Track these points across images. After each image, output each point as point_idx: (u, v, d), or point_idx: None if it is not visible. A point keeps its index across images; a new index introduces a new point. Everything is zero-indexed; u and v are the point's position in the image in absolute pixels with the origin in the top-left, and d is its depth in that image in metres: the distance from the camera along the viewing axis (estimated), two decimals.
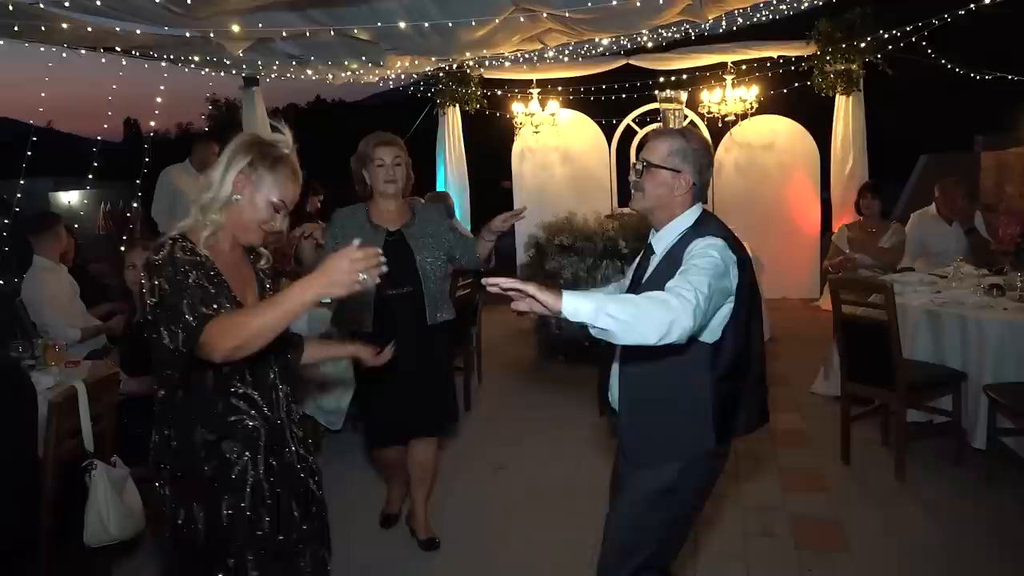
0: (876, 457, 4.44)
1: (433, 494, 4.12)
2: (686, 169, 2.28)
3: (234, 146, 2.06)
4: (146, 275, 1.96)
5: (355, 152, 3.51)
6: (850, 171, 8.34)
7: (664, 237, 2.31)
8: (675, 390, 2.26)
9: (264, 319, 1.84)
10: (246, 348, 1.85)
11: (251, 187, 2.04)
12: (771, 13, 6.84)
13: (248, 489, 2.05)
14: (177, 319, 1.89)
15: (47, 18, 4.04)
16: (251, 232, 2.09)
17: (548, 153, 9.54)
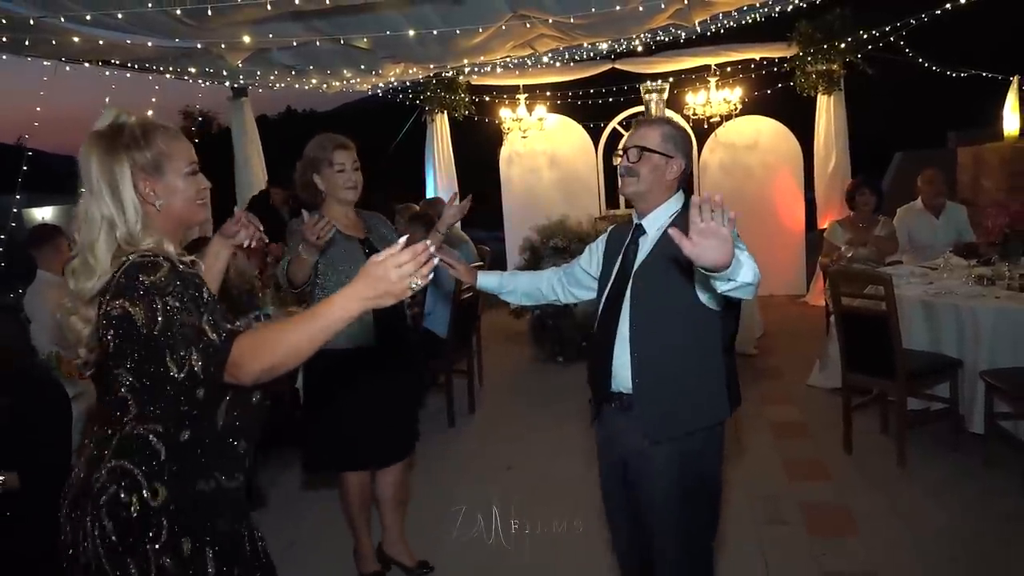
0: (877, 445, 4.57)
1: (441, 494, 4.18)
2: (677, 155, 2.40)
3: (97, 156, 1.72)
4: (137, 300, 1.63)
5: (303, 156, 3.23)
6: (833, 169, 8.51)
7: (656, 219, 2.39)
8: (691, 362, 2.31)
9: (301, 335, 1.59)
10: (280, 368, 1.62)
11: (159, 182, 1.76)
12: (756, 15, 6.98)
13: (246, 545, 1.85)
14: (194, 340, 1.62)
15: (60, 32, 4.08)
16: (195, 213, 1.84)
17: (536, 157, 9.64)
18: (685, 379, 2.31)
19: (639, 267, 2.36)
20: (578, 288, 2.72)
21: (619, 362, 2.34)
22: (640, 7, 4.95)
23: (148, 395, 1.69)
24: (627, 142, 2.44)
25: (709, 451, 2.38)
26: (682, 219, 2.29)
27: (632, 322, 2.32)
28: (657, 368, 2.30)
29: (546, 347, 6.98)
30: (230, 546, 1.79)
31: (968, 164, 8.28)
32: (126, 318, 1.63)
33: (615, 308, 2.37)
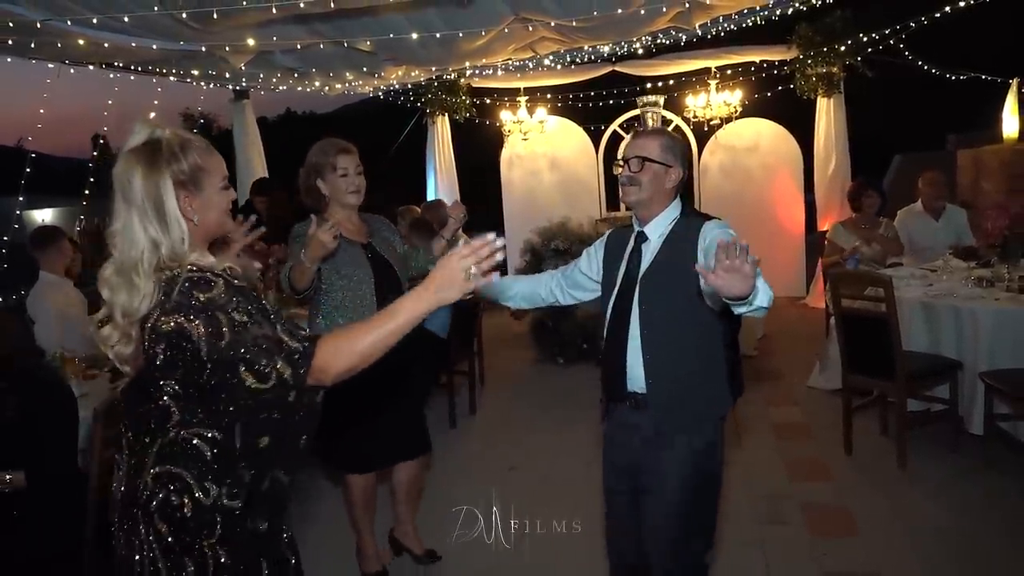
0: (877, 446, 4.60)
1: (444, 495, 4.21)
2: (676, 164, 2.51)
3: (142, 185, 1.69)
4: (195, 315, 1.64)
5: (307, 161, 3.23)
6: (833, 171, 8.53)
7: (657, 226, 2.51)
8: (698, 360, 2.46)
9: (377, 335, 1.68)
10: (358, 368, 1.70)
11: (194, 195, 1.75)
12: (756, 18, 7.01)
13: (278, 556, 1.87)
14: (276, 350, 1.65)
15: (65, 35, 4.11)
16: (223, 225, 1.86)
17: (536, 160, 9.67)
18: (694, 376, 2.45)
19: (644, 273, 2.47)
20: (578, 290, 2.79)
21: (632, 363, 2.46)
22: (641, 10, 4.98)
23: (194, 403, 1.70)
24: (627, 152, 2.54)
25: (715, 446, 2.51)
26: (681, 225, 2.48)
27: (643, 326, 2.44)
28: (668, 367, 2.43)
29: (546, 349, 7.00)
30: (272, 540, 1.85)
31: (968, 167, 8.31)
32: (181, 334, 1.63)
33: (624, 313, 2.48)
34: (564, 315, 6.88)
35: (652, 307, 2.43)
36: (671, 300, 2.41)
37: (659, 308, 2.42)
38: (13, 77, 70.29)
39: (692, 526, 2.47)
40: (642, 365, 2.43)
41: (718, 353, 2.50)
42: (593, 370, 6.50)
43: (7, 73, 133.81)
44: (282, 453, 1.80)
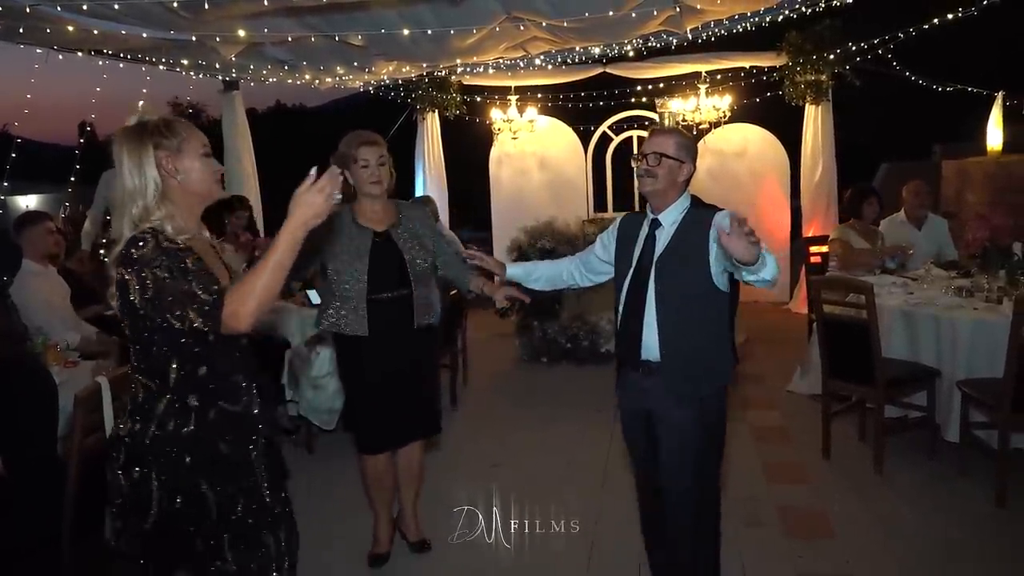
0: (855, 451, 4.65)
1: (429, 491, 4.21)
2: (688, 160, 2.80)
3: (127, 146, 2.05)
4: (130, 269, 1.95)
5: (334, 153, 3.40)
6: (819, 178, 8.60)
7: (670, 215, 2.78)
8: (706, 334, 2.75)
9: (267, 272, 1.91)
10: (264, 305, 1.94)
11: (175, 158, 2.07)
12: (747, 24, 7.06)
13: (256, 473, 2.13)
14: (188, 302, 1.93)
15: (54, 21, 4.08)
16: (213, 188, 2.15)
17: (525, 159, 9.67)
18: (702, 348, 2.75)
19: (659, 256, 2.75)
20: (595, 274, 3.14)
21: (647, 336, 2.75)
22: (633, 13, 5.01)
23: (145, 351, 2.04)
24: (645, 148, 2.81)
25: (719, 406, 2.83)
26: (692, 214, 2.77)
27: (657, 303, 2.72)
28: (679, 340, 2.72)
29: (531, 348, 7.03)
30: (240, 467, 2.13)
31: (952, 177, 8.40)
32: (123, 284, 1.97)
33: (641, 291, 2.77)
34: (549, 315, 6.91)
35: (666, 287, 2.71)
36: (683, 281, 2.70)
37: (672, 287, 2.70)
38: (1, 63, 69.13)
39: (701, 472, 2.79)
40: (656, 337, 2.72)
41: (723, 329, 2.80)
42: (577, 370, 6.66)
43: None
44: (220, 385, 2.09)
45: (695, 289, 2.69)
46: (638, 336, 2.77)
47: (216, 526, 2.08)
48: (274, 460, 2.24)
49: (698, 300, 2.70)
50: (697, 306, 2.70)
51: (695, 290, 2.69)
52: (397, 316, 3.34)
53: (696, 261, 2.67)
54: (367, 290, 3.29)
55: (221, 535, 2.09)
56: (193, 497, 2.06)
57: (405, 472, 3.64)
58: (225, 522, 2.09)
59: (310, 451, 4.95)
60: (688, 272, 2.69)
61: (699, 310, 2.71)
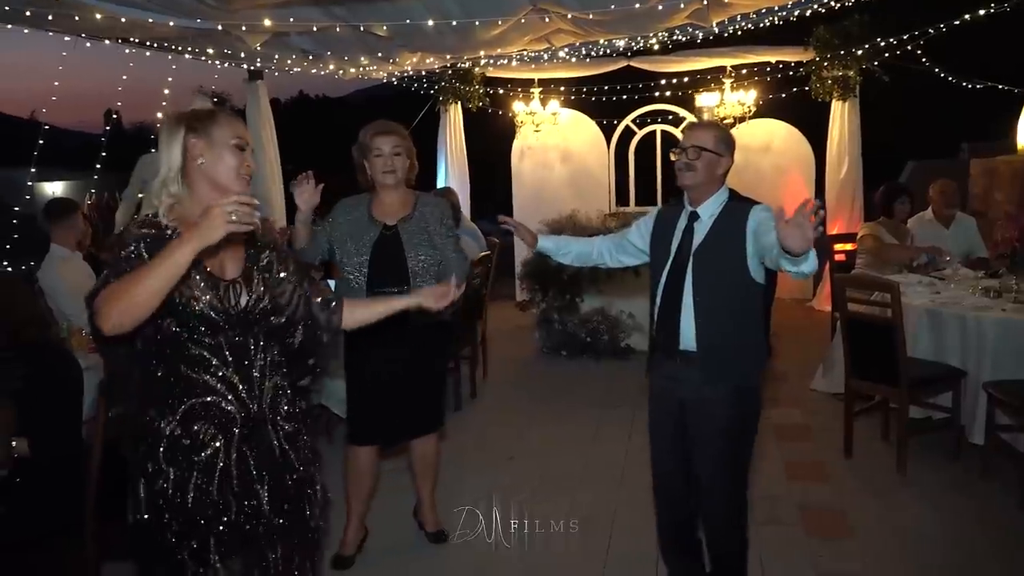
0: (877, 451, 4.60)
1: (444, 482, 4.22)
2: (727, 154, 2.82)
3: (166, 126, 2.05)
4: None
5: (355, 143, 3.42)
6: (844, 175, 8.51)
7: (708, 208, 2.81)
8: (741, 325, 2.79)
9: (145, 280, 1.77)
10: (131, 312, 1.78)
11: (203, 144, 2.02)
12: (774, 19, 6.98)
13: (217, 473, 2.02)
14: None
15: (82, 8, 4.12)
16: (234, 183, 2.04)
17: (548, 152, 9.63)
18: (737, 338, 2.78)
19: (698, 248, 2.78)
20: (625, 256, 3.16)
21: (685, 326, 2.78)
22: (659, 6, 4.97)
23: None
24: (686, 141, 2.83)
25: (754, 397, 2.86)
26: (730, 207, 2.79)
27: (696, 294, 2.76)
28: (716, 330, 2.75)
29: (551, 341, 7.02)
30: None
31: (980, 176, 8.27)
32: None
33: (679, 282, 2.80)
34: (570, 309, 6.90)
35: (703, 278, 2.75)
36: (721, 273, 2.74)
37: (710, 279, 2.75)
38: (29, 49, 71.01)
39: (735, 460, 2.85)
40: (693, 327, 2.76)
41: (758, 320, 2.84)
42: (596, 365, 6.64)
43: (24, 45, 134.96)
44: (178, 389, 2.03)
45: (732, 281, 2.74)
46: (676, 326, 2.80)
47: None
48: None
49: (735, 292, 2.74)
50: (734, 298, 2.75)
51: (732, 282, 2.74)
52: (399, 313, 3.27)
53: (733, 253, 2.71)
54: (368, 284, 3.29)
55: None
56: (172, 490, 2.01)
57: (420, 463, 3.65)
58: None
59: (329, 440, 4.98)
60: (725, 264, 2.73)
61: (736, 302, 2.76)
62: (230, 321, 2.03)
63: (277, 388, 2.15)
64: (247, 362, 2.09)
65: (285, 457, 2.15)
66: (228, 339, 2.04)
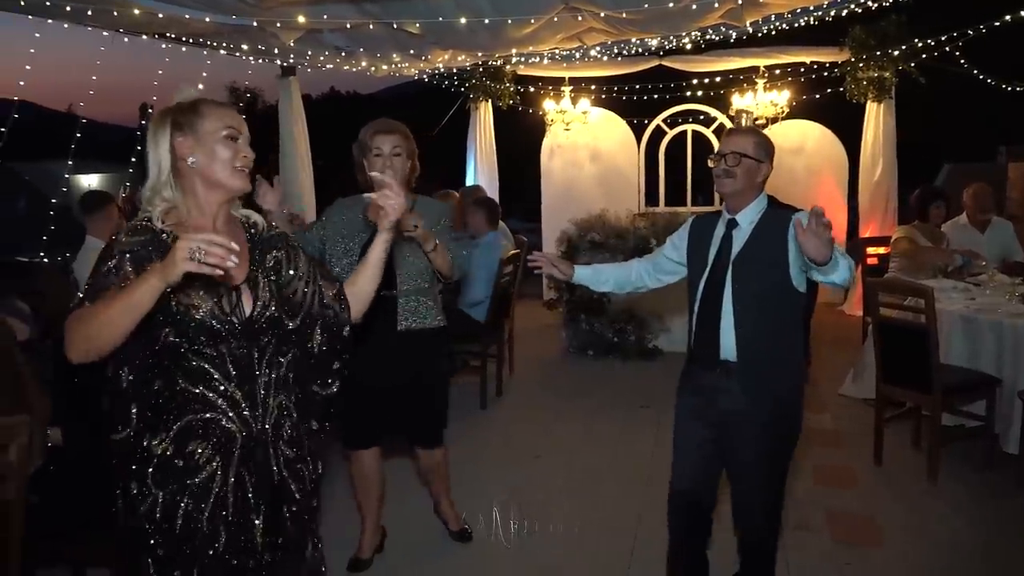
0: (908, 458, 4.54)
1: (469, 480, 4.23)
2: (766, 160, 2.77)
3: (152, 126, 1.90)
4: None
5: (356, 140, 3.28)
6: (879, 178, 8.39)
7: (748, 215, 2.75)
8: (782, 334, 2.73)
9: (110, 309, 1.64)
10: (95, 341, 1.66)
11: (193, 139, 1.87)
12: (809, 19, 6.91)
13: (211, 499, 1.86)
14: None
15: (121, 4, 4.19)
16: (230, 179, 1.90)
17: (577, 151, 9.60)
18: (778, 348, 2.73)
19: (737, 256, 2.72)
20: (664, 274, 3.10)
21: (725, 336, 2.71)
22: (693, 5, 4.94)
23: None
24: (724, 148, 2.77)
25: (795, 406, 2.78)
26: (770, 215, 2.73)
27: (735, 303, 2.70)
28: (757, 340, 2.69)
29: (578, 340, 7.01)
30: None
31: (1018, 180, 8.14)
32: None
33: (718, 291, 2.74)
34: (597, 309, 6.88)
35: (744, 286, 2.69)
36: (762, 281, 2.68)
37: (750, 287, 2.68)
38: (67, 44, 71.96)
39: (773, 471, 2.76)
40: (734, 337, 2.69)
41: (799, 329, 2.79)
42: (623, 365, 6.61)
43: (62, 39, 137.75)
44: (173, 408, 1.88)
45: (773, 290, 2.68)
46: (715, 336, 2.74)
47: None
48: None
49: (776, 300, 2.69)
50: (775, 306, 2.69)
51: (773, 291, 2.68)
52: (382, 319, 3.11)
53: (774, 261, 2.65)
54: None
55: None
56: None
57: (427, 475, 3.62)
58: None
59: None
60: (766, 273, 2.67)
61: (776, 310, 2.70)
62: (233, 331, 1.88)
63: (282, 408, 2.00)
64: (251, 376, 1.93)
65: (284, 485, 1.99)
66: (231, 350, 1.88)
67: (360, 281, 2.13)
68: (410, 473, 4.12)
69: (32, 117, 21.19)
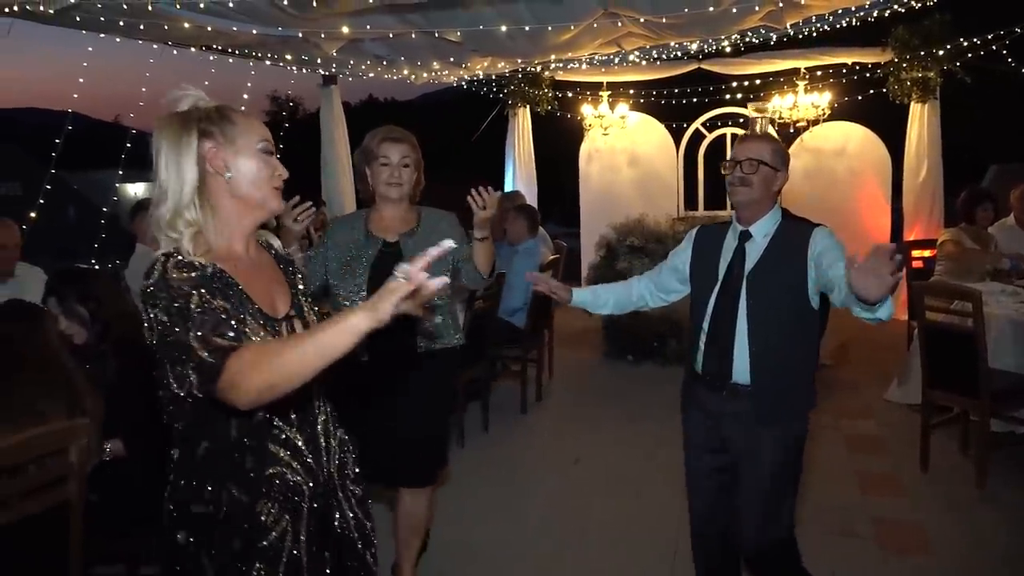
0: (955, 465, 4.46)
1: (511, 483, 4.25)
2: (783, 168, 2.63)
3: (167, 134, 1.62)
4: (143, 307, 1.57)
5: (359, 147, 3.08)
6: (923, 179, 8.24)
7: (762, 226, 2.59)
8: (798, 355, 2.58)
9: (303, 351, 1.42)
10: (279, 388, 1.44)
11: (226, 151, 1.64)
12: (851, 19, 6.83)
13: (283, 562, 1.65)
14: (185, 358, 1.48)
15: (172, 18, 4.33)
16: (266, 199, 1.70)
17: (616, 155, 9.60)
18: (794, 370, 2.58)
19: (752, 270, 2.56)
20: (668, 293, 2.90)
21: (738, 356, 2.55)
22: (733, 8, 4.93)
23: (167, 408, 1.63)
24: (739, 154, 2.61)
25: (802, 432, 2.64)
26: (785, 227, 2.59)
27: (750, 320, 2.54)
28: (772, 361, 2.53)
29: (617, 345, 7.00)
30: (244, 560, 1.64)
31: None
32: (143, 324, 1.59)
33: (731, 307, 2.58)
34: (637, 313, 6.84)
35: (759, 303, 2.53)
36: (778, 298, 2.53)
37: (766, 304, 2.53)
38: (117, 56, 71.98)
39: (782, 503, 2.62)
40: (747, 357, 2.54)
41: (813, 350, 2.66)
42: (662, 370, 6.60)
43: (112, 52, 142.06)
44: (225, 466, 1.62)
45: (790, 308, 2.52)
46: (728, 356, 2.57)
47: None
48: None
49: (792, 319, 2.53)
50: (791, 325, 2.53)
51: (790, 308, 2.52)
52: (399, 340, 2.89)
53: (793, 278, 2.49)
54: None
55: None
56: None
57: (406, 520, 3.11)
58: None
59: None
60: (784, 289, 2.51)
61: (793, 329, 2.54)
62: None
63: (343, 444, 1.84)
64: (311, 417, 1.73)
65: (359, 530, 1.84)
66: (292, 395, 1.56)
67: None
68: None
69: (82, 128, 21.77)
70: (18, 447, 2.22)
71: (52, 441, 2.32)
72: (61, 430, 2.36)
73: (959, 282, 5.09)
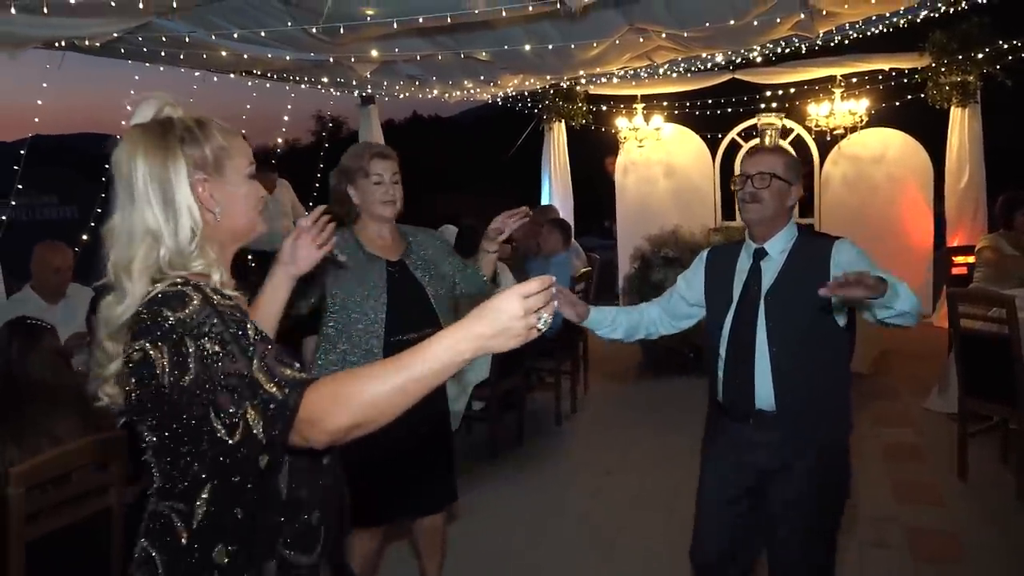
0: (994, 474, 4.38)
1: (545, 495, 4.30)
2: (796, 182, 2.50)
3: (146, 153, 1.36)
4: (161, 341, 1.28)
5: (338, 166, 2.87)
6: (965, 184, 8.12)
7: (777, 243, 2.47)
8: (827, 378, 2.42)
9: (399, 380, 1.23)
10: (366, 426, 1.26)
11: (215, 182, 1.42)
12: (885, 26, 6.78)
13: None
14: (247, 395, 1.26)
15: (210, 48, 4.53)
16: (253, 225, 1.51)
17: (651, 167, 9.61)
18: (823, 394, 2.42)
19: (770, 290, 2.43)
20: (679, 319, 2.74)
21: (760, 382, 2.41)
22: (754, 21, 4.95)
23: (173, 465, 1.35)
24: (749, 168, 2.49)
25: (843, 458, 2.49)
26: (802, 243, 2.47)
27: (771, 343, 2.40)
28: (798, 384, 2.39)
29: (652, 357, 6.99)
30: None
31: None
32: (146, 364, 1.29)
33: (748, 330, 2.44)
34: None
35: (780, 324, 2.40)
36: (800, 317, 2.38)
37: (788, 325, 2.39)
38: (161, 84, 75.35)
39: (823, 537, 2.48)
40: (771, 383, 2.39)
41: (845, 371, 2.50)
42: (698, 381, 6.50)
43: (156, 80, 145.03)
44: (272, 529, 1.40)
45: (813, 327, 2.37)
46: (749, 382, 2.43)
47: None
48: None
49: (816, 338, 2.38)
50: (815, 345, 2.38)
51: (814, 327, 2.37)
52: (436, 402, 2.77)
53: (814, 295, 2.18)
54: (386, 331, 2.72)
55: None
56: None
57: (426, 538, 3.09)
58: None
59: None
60: (806, 307, 2.33)
61: (818, 350, 2.39)
62: None
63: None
64: (315, 481, 1.49)
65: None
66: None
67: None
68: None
69: None
70: (60, 459, 2.36)
71: (91, 454, 2.45)
72: (99, 442, 2.48)
73: (997, 288, 5.01)
